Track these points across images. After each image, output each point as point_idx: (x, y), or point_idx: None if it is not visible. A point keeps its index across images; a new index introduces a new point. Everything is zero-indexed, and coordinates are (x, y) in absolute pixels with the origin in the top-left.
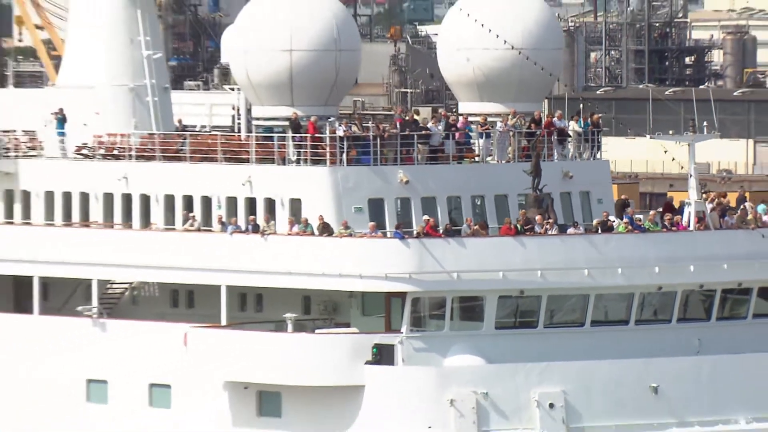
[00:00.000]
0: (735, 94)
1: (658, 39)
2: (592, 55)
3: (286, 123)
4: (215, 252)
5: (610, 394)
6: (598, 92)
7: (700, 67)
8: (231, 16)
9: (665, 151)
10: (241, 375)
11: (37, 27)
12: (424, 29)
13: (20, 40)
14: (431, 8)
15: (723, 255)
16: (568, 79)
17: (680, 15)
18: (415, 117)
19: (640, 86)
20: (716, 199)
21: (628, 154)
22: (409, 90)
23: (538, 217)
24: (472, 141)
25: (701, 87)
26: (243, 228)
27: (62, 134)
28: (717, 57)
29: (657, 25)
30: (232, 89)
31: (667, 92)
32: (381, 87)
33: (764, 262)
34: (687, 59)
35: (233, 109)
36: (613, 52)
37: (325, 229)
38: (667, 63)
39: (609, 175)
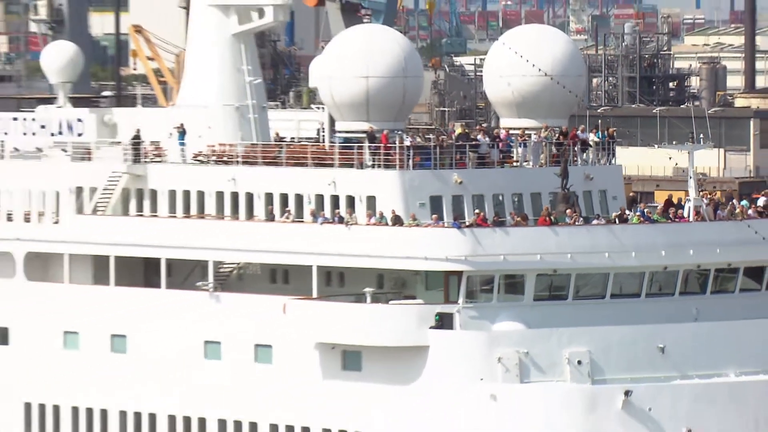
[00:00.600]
0: (709, 112)
1: (647, 68)
2: (594, 80)
3: (364, 135)
4: (307, 239)
5: (626, 353)
6: (598, 111)
7: (681, 90)
8: (304, 49)
9: (670, 158)
10: (329, 337)
11: (149, 58)
12: (459, 60)
13: (134, 69)
14: (465, 43)
15: (716, 241)
16: None
17: (665, 48)
18: (466, 131)
19: (633, 106)
20: (710, 197)
21: (622, 160)
22: (446, 109)
23: (568, 211)
24: (512, 150)
25: (682, 107)
26: (330, 219)
27: (183, 144)
28: (694, 82)
29: (646, 56)
30: (318, 107)
31: (653, 111)
32: (424, 106)
33: (749, 246)
34: (670, 84)
35: (319, 124)
36: (610, 78)
37: (397, 221)
38: (654, 87)
39: (621, 177)
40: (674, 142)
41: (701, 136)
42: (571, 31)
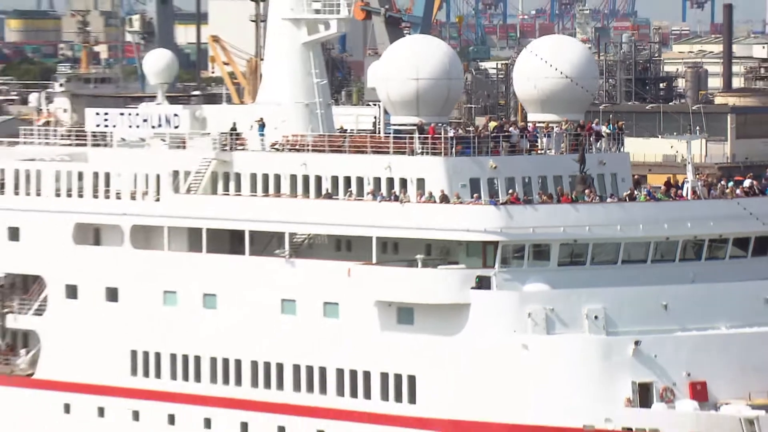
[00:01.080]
0: (693, 108)
1: (641, 71)
2: None
3: (414, 127)
4: (367, 214)
5: (635, 309)
6: (600, 107)
7: (669, 90)
8: (353, 56)
9: (671, 147)
10: (387, 296)
11: (224, 63)
12: (483, 65)
13: (212, 72)
14: (488, 51)
15: (710, 216)
16: None
17: (656, 55)
18: (500, 124)
19: (629, 103)
20: (705, 179)
21: None
22: (473, 105)
23: (586, 191)
24: (537, 140)
25: (670, 104)
26: (386, 198)
27: (262, 135)
28: (681, 83)
29: (640, 61)
30: (373, 104)
31: (647, 107)
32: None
33: (737, 221)
34: (660, 85)
35: (374, 118)
36: (610, 80)
37: (443, 199)
38: (647, 87)
39: (629, 163)
40: (674, 134)
41: (697, 128)
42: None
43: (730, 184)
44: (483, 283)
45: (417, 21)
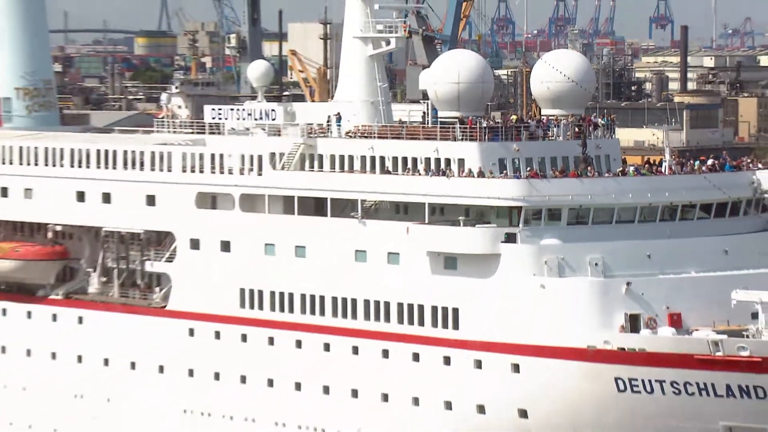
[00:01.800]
0: (657, 105)
1: (618, 77)
2: None
3: (456, 119)
4: (421, 186)
5: (626, 258)
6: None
7: (639, 91)
8: (397, 65)
9: (653, 134)
10: (436, 248)
11: (300, 71)
12: (497, 72)
13: (291, 78)
14: (501, 62)
15: (682, 187)
16: None
17: (629, 65)
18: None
19: (608, 101)
20: (677, 159)
21: None
22: (489, 103)
23: (588, 168)
24: (550, 129)
25: (639, 102)
26: (435, 173)
27: (339, 125)
28: (648, 86)
29: (617, 69)
30: (422, 101)
31: (622, 104)
32: None
33: (703, 190)
34: (632, 87)
35: (423, 112)
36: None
37: (480, 174)
38: (621, 89)
39: (619, 147)
40: (656, 124)
41: (673, 120)
42: None
43: (697, 162)
44: (510, 238)
45: (446, 38)
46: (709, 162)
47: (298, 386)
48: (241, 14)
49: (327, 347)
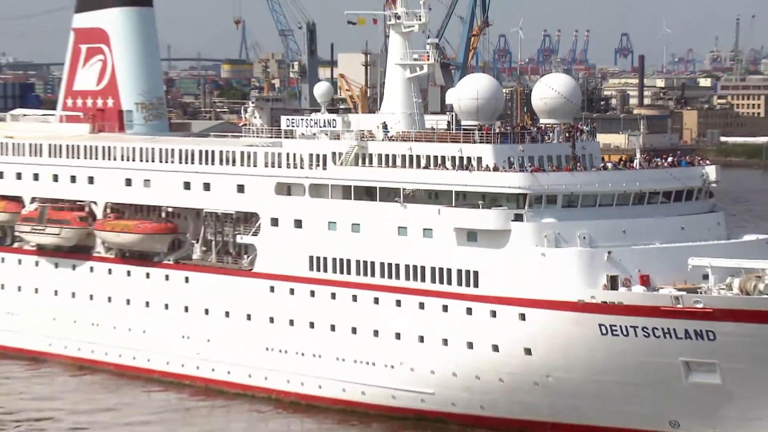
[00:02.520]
0: (621, 116)
1: (590, 95)
2: None
3: (475, 127)
4: (449, 178)
5: (606, 233)
6: None
7: (607, 106)
8: (421, 86)
9: (627, 138)
10: (462, 224)
11: (347, 90)
12: None
13: (340, 96)
14: (501, 83)
15: (649, 178)
16: None
17: (599, 85)
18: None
19: (583, 113)
20: (646, 157)
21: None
22: (500, 114)
23: (577, 165)
24: (547, 134)
25: (606, 114)
26: (460, 167)
27: (386, 131)
28: (613, 102)
29: (589, 89)
30: (448, 113)
31: (593, 116)
32: None
33: (665, 181)
34: (602, 103)
35: (448, 122)
36: None
37: (495, 169)
38: (593, 104)
39: (599, 148)
40: (629, 131)
41: (641, 127)
42: None
43: (658, 159)
44: (517, 218)
45: (459, 65)
46: (669, 159)
47: (354, 330)
48: (302, 46)
49: (376, 301)
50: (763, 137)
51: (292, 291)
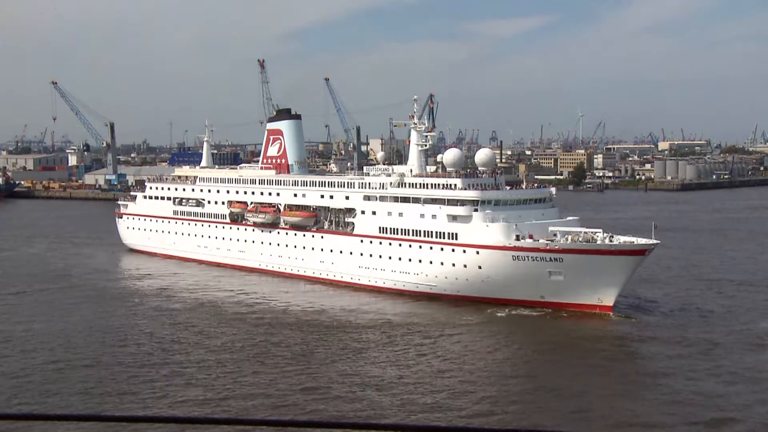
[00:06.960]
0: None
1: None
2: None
3: (453, 171)
4: (443, 192)
5: (513, 217)
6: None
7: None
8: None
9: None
10: (450, 213)
11: (373, 155)
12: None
13: (369, 157)
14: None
15: (528, 193)
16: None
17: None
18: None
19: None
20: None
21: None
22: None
23: (498, 187)
24: (483, 174)
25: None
26: (447, 188)
27: (410, 172)
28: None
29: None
30: (440, 163)
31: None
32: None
33: (535, 194)
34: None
35: (437, 167)
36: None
37: (463, 188)
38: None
39: (504, 180)
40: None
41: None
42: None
43: (534, 185)
44: (475, 210)
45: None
46: (536, 185)
47: (399, 258)
48: (351, 135)
49: (410, 245)
50: (556, 176)
51: (371, 241)
